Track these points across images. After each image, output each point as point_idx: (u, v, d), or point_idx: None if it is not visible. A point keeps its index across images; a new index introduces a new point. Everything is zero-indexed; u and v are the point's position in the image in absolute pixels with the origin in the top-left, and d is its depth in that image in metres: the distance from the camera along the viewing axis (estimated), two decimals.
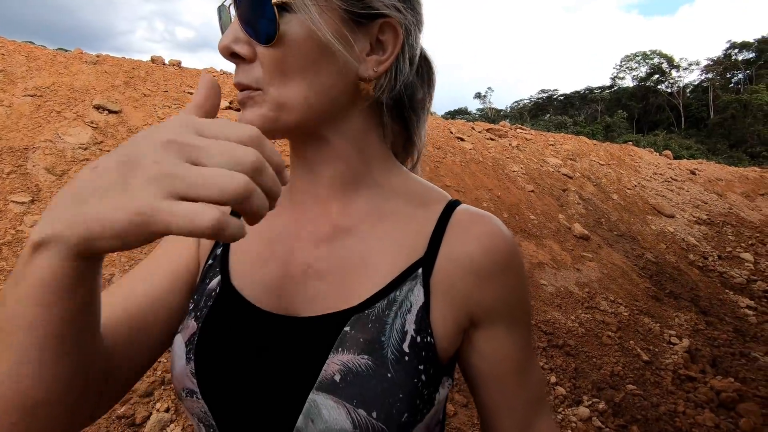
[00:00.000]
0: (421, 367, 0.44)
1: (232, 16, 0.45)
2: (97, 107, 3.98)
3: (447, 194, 0.55)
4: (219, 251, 0.54)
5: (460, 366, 0.53)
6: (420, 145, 0.58)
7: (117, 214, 0.28)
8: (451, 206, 0.52)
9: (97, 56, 4.62)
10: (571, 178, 7.03)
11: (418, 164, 0.61)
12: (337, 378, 0.42)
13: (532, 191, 6.03)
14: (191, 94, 4.75)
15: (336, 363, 0.43)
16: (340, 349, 0.44)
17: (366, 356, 0.43)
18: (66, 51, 4.77)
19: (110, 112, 4.02)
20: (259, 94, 0.45)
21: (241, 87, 0.45)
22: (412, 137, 0.58)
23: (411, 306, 0.46)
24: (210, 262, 0.54)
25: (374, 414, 0.41)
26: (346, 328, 0.44)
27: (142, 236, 0.28)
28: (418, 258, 0.48)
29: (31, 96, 3.83)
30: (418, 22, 0.50)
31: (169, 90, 4.61)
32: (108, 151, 3.69)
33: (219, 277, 0.52)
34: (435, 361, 0.45)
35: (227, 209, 0.28)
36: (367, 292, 0.46)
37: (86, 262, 0.31)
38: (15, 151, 3.35)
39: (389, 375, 0.42)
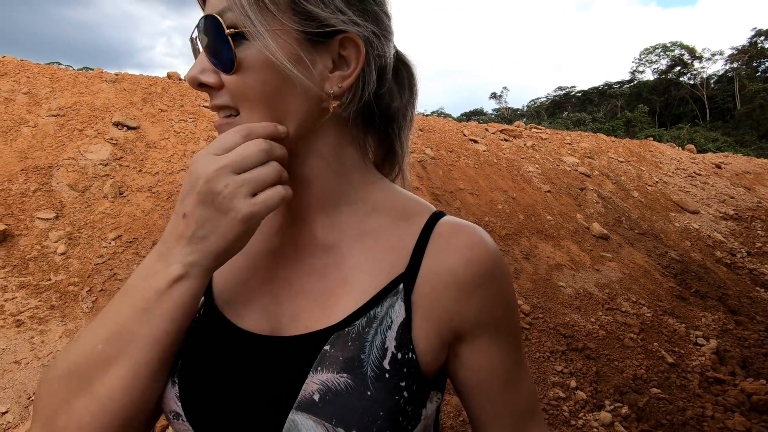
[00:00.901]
0: (403, 384, 0.44)
1: (200, 48, 0.47)
2: (117, 124, 4.12)
3: (430, 206, 0.54)
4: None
5: (450, 378, 0.52)
6: (402, 154, 0.57)
7: (234, 229, 0.43)
8: (434, 218, 0.51)
9: (116, 75, 4.78)
10: (588, 176, 6.89)
11: (405, 173, 0.59)
12: (317, 397, 0.42)
13: (549, 191, 5.93)
14: (206, 107, 4.86)
15: (315, 382, 0.43)
16: (319, 369, 0.43)
17: (345, 375, 0.43)
18: (90, 70, 4.95)
19: (129, 128, 4.15)
20: (235, 119, 0.47)
21: (218, 108, 0.47)
22: (393, 147, 0.57)
23: (392, 322, 0.45)
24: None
25: None
26: (326, 347, 0.44)
27: (252, 230, 0.44)
28: (399, 273, 0.48)
29: (55, 116, 3.99)
30: (383, 32, 0.49)
31: (185, 104, 4.73)
32: (127, 166, 3.81)
33: (202, 298, 0.52)
34: (418, 377, 0.45)
35: None
36: (348, 309, 0.46)
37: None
38: (40, 170, 3.49)
39: (369, 393, 0.42)
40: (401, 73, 0.56)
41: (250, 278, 0.52)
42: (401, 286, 0.47)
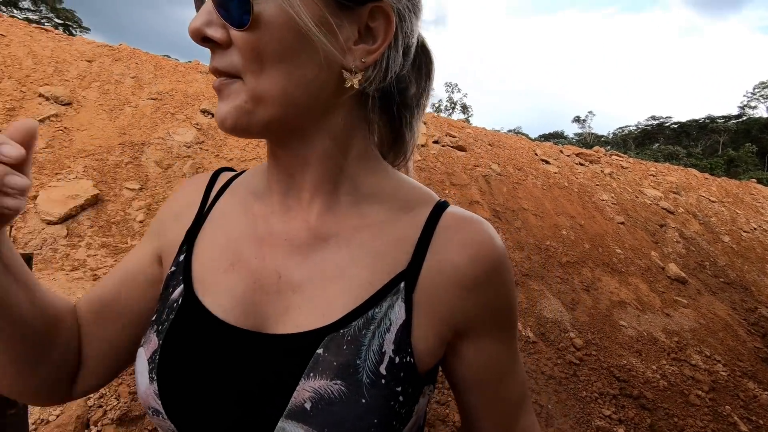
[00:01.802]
0: (399, 389, 0.41)
1: None
2: (203, 111, 4.48)
3: (434, 195, 0.51)
4: (182, 257, 0.51)
5: (444, 371, 0.50)
6: (412, 143, 0.54)
7: None
8: (438, 209, 0.48)
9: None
10: (672, 213, 6.31)
11: (410, 162, 0.56)
12: (308, 405, 0.40)
13: (622, 223, 5.51)
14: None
15: (307, 390, 0.40)
16: (312, 374, 0.41)
17: (339, 382, 0.40)
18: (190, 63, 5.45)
19: (213, 115, 4.50)
20: (236, 84, 0.41)
21: (218, 73, 0.42)
22: (403, 135, 0.53)
23: (390, 324, 0.42)
24: (173, 269, 0.51)
25: None
26: (319, 351, 0.41)
27: None
28: (401, 270, 0.45)
29: (153, 99, 4.43)
30: (414, 7, 0.45)
31: None
32: (206, 150, 4.13)
33: (182, 286, 0.48)
34: (415, 380, 0.43)
35: None
36: (344, 308, 0.43)
37: None
38: (134, 145, 3.90)
39: (363, 401, 0.40)
40: (420, 59, 0.52)
41: (234, 266, 0.48)
42: (402, 284, 0.44)
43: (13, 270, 0.43)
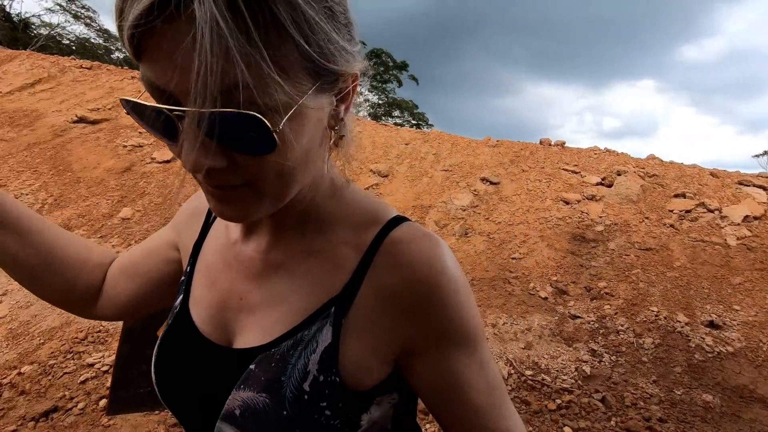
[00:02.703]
0: (324, 404, 0.44)
1: (181, 126, 0.35)
2: (483, 179, 4.92)
3: (389, 213, 0.50)
4: (188, 269, 0.57)
5: (406, 382, 0.51)
6: (349, 136, 0.51)
7: None
8: (386, 229, 0.47)
9: (497, 141, 5.72)
10: None
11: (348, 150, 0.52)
12: (237, 412, 0.44)
13: None
14: (566, 170, 4.99)
15: (237, 399, 0.45)
16: (242, 386, 0.45)
17: (265, 394, 0.44)
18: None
19: (491, 183, 4.86)
20: (243, 190, 0.39)
21: (231, 188, 0.39)
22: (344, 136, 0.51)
23: (317, 346, 0.45)
24: (183, 278, 0.58)
25: None
26: (252, 366, 0.46)
27: None
28: (332, 296, 0.46)
29: (445, 170, 5.23)
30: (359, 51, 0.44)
31: (545, 166, 5.05)
32: (478, 213, 4.48)
33: (181, 296, 0.55)
34: (343, 396, 0.45)
35: None
36: (279, 331, 0.47)
37: None
38: (423, 207, 4.68)
39: (285, 413, 0.43)
40: None
41: (213, 285, 0.53)
42: (332, 309, 0.46)
43: None
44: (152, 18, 0.30)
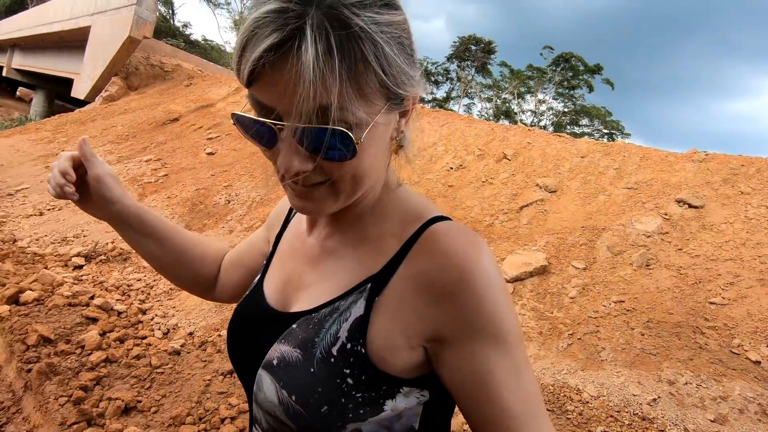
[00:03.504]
0: (347, 371, 0.48)
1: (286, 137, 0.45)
2: (679, 201, 4.05)
3: (434, 211, 0.56)
4: (269, 255, 0.70)
5: (439, 379, 0.52)
6: (408, 144, 0.59)
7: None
8: (426, 225, 0.53)
9: (706, 154, 4.63)
10: None
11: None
12: (275, 362, 0.52)
13: None
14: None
15: (276, 351, 0.53)
16: (282, 341, 0.53)
17: (299, 351, 0.51)
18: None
19: (690, 206, 3.97)
20: (323, 187, 0.48)
21: (312, 184, 0.48)
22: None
23: (349, 316, 0.51)
24: (265, 262, 0.70)
25: (293, 397, 0.49)
26: (294, 325, 0.54)
27: (61, 196, 0.71)
28: (371, 274, 0.52)
29: (629, 188, 4.49)
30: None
31: None
32: (667, 242, 3.70)
33: (260, 275, 0.68)
34: (366, 368, 0.49)
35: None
36: (322, 299, 0.54)
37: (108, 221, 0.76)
38: (594, 230, 4.12)
39: (312, 370, 0.49)
40: None
41: (283, 267, 0.65)
42: (368, 285, 0.52)
43: (135, 227, 0.75)
44: (270, 56, 0.40)
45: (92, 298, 3.39)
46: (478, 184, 5.26)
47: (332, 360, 0.49)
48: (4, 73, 18.99)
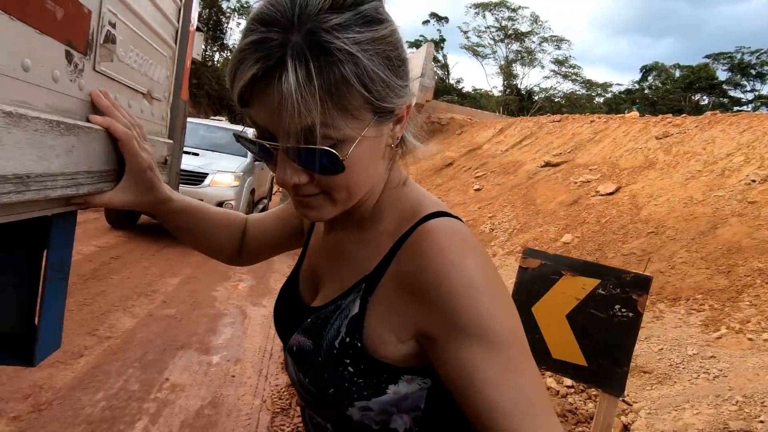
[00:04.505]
0: (347, 361, 0.53)
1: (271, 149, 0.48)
2: None
3: (431, 208, 0.55)
4: (303, 247, 0.74)
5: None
6: (411, 145, 0.60)
7: None
8: (420, 222, 0.53)
9: None
10: None
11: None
12: (295, 349, 0.58)
13: None
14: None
15: (295, 339, 0.59)
16: (300, 332, 0.59)
17: (310, 341, 0.56)
18: None
19: None
20: (321, 196, 0.51)
21: (308, 195, 0.51)
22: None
23: (348, 313, 0.54)
24: (302, 249, 0.74)
25: (307, 380, 0.55)
26: (308, 320, 0.59)
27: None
28: (365, 275, 0.55)
29: None
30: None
31: None
32: None
33: (296, 263, 0.72)
34: (364, 359, 0.53)
35: None
36: (330, 297, 0.59)
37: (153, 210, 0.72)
38: None
39: (319, 359, 0.55)
40: None
41: (309, 260, 0.70)
42: (363, 285, 0.55)
43: (180, 213, 0.74)
44: (255, 83, 0.43)
45: None
46: None
47: (335, 351, 0.54)
48: None
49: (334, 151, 0.45)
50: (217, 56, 27.37)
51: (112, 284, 3.98)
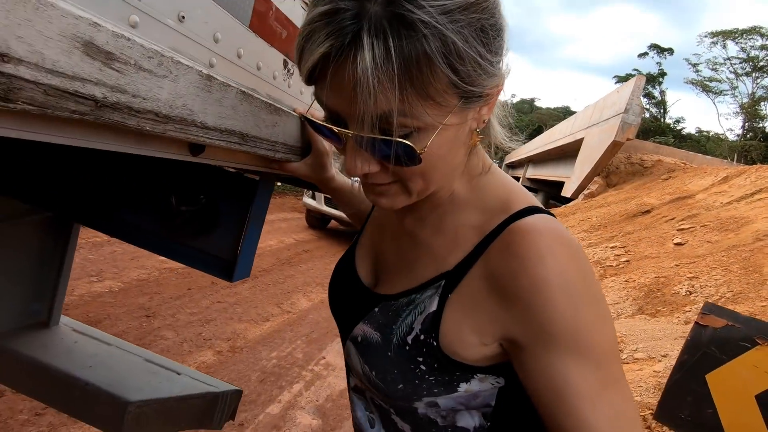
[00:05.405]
0: (420, 359, 0.50)
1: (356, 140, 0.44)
2: None
3: (523, 202, 0.51)
4: (362, 226, 0.72)
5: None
6: (496, 129, 0.55)
7: None
8: (512, 218, 0.49)
9: None
10: None
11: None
12: (359, 339, 0.56)
13: None
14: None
15: (360, 329, 0.56)
16: (366, 321, 0.56)
17: (378, 333, 0.53)
18: None
19: None
20: (396, 185, 0.48)
21: (378, 182, 0.48)
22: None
23: (424, 309, 0.51)
24: (362, 225, 0.73)
25: (374, 373, 0.53)
26: (376, 309, 0.56)
27: None
28: (445, 271, 0.51)
29: None
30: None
31: None
32: None
33: (353, 244, 0.70)
34: (438, 357, 0.50)
35: None
36: (402, 288, 0.55)
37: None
38: None
39: (389, 354, 0.52)
40: None
41: (371, 239, 0.68)
42: (443, 282, 0.51)
43: (338, 190, 0.80)
44: (326, 62, 0.38)
45: None
46: None
47: (407, 348, 0.51)
48: (520, 182, 25.40)
49: (410, 144, 0.41)
50: None
51: (300, 271, 4.77)
